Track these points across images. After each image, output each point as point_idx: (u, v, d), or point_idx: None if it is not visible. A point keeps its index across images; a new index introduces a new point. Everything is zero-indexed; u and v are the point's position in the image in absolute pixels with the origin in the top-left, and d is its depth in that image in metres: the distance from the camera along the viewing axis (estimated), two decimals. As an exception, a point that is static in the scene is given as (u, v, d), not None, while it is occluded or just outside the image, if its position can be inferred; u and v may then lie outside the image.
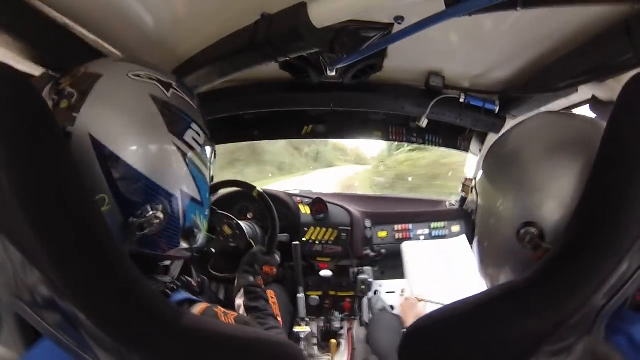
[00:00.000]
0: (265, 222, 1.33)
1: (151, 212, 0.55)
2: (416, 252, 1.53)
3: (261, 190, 1.21)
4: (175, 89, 0.60)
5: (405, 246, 1.55)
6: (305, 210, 1.62)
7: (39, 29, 0.67)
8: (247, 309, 0.89)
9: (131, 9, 0.73)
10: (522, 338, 0.47)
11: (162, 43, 0.87)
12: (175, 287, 0.59)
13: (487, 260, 0.64)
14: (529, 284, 0.48)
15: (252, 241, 1.15)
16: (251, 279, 0.97)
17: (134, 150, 0.54)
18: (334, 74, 1.05)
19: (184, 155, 0.59)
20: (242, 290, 0.94)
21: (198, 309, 0.57)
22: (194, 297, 0.60)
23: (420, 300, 1.19)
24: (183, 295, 0.59)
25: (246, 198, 1.55)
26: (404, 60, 1.05)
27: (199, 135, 0.62)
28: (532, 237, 0.51)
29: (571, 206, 0.49)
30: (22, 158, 0.42)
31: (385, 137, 1.57)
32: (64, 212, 0.42)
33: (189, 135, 0.60)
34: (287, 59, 0.81)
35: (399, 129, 1.55)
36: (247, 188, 1.26)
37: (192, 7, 0.76)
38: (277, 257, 1.11)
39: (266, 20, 0.75)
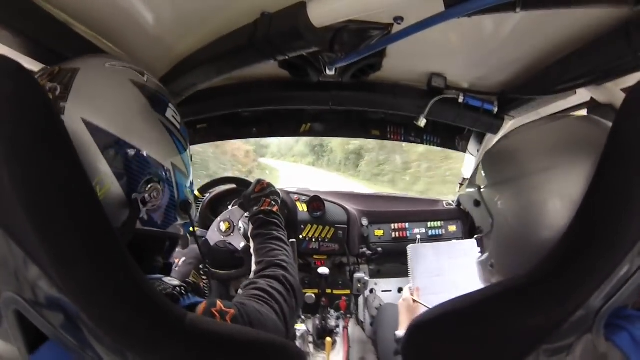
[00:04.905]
0: None
1: (150, 185, 0.59)
2: (421, 255, 1.44)
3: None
4: (148, 75, 0.65)
5: (410, 249, 1.48)
6: (302, 207, 1.63)
7: (39, 25, 0.67)
8: (253, 237, 0.93)
9: (131, 7, 0.73)
10: (521, 335, 0.48)
11: (161, 40, 0.87)
12: (184, 292, 0.58)
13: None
14: (530, 281, 0.49)
15: None
16: (255, 209, 0.99)
17: (126, 127, 0.57)
18: (333, 73, 1.05)
19: (169, 130, 0.64)
20: (249, 224, 0.98)
21: (199, 310, 0.57)
22: (200, 300, 0.60)
23: (414, 302, 1.19)
24: (192, 300, 0.59)
25: (240, 194, 1.56)
26: (404, 60, 1.05)
27: (176, 114, 0.67)
28: None
29: None
30: (24, 154, 0.41)
31: (384, 136, 1.57)
32: (66, 212, 0.42)
33: (169, 114, 0.65)
34: (286, 57, 0.81)
35: (397, 128, 1.55)
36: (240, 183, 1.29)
37: (192, 5, 0.75)
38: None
39: (266, 19, 0.74)
